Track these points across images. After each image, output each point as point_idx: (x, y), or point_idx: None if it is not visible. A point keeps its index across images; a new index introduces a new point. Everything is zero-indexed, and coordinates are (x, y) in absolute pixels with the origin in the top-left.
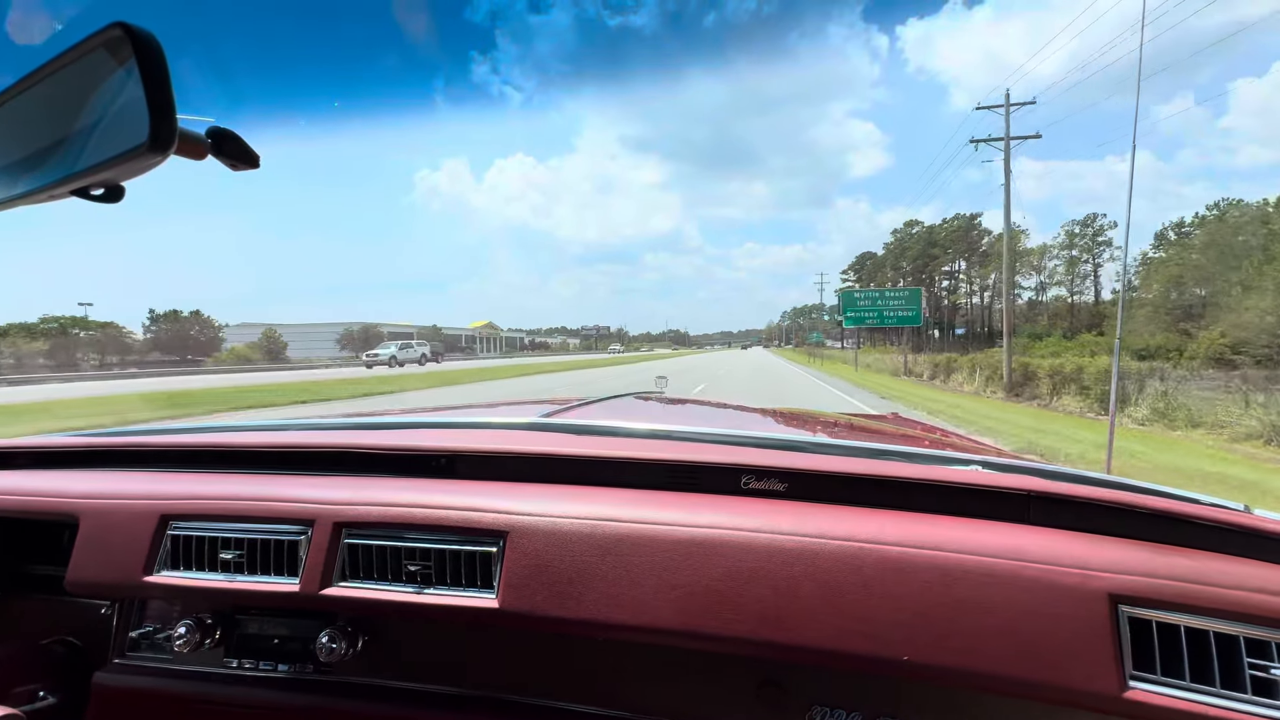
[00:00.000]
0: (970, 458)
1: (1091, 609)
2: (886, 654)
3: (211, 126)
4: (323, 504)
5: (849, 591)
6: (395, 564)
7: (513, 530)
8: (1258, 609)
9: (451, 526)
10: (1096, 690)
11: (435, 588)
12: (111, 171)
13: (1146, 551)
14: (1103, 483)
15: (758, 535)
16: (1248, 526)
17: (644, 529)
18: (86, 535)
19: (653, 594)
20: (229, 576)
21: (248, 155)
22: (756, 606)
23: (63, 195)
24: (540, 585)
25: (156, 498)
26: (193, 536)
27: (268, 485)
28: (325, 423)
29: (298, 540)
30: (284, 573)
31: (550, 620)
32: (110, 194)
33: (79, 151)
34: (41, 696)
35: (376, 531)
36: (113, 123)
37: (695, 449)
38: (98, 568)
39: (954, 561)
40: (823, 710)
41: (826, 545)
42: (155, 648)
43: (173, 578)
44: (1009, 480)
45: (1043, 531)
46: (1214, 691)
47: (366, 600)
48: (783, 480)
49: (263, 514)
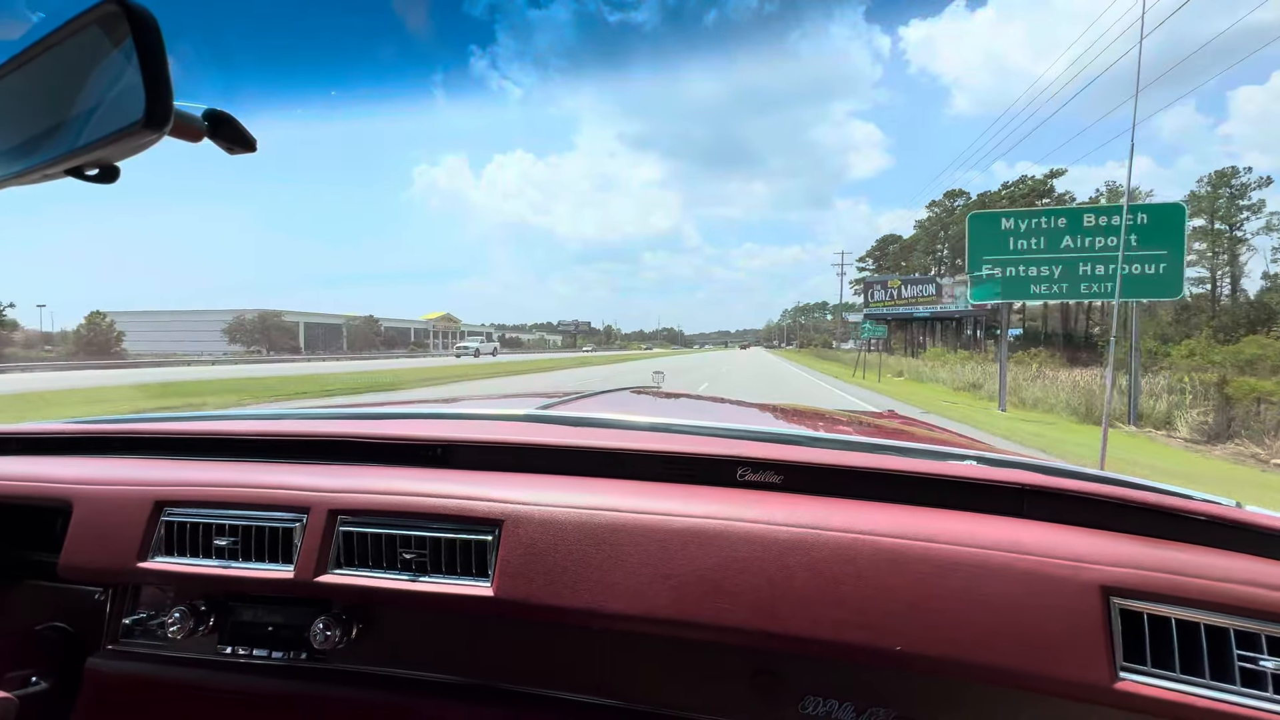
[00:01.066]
0: (965, 452)
1: (1083, 601)
2: (880, 644)
3: (208, 109)
4: (317, 491)
5: (843, 582)
6: (390, 552)
7: (508, 519)
8: (1248, 602)
9: (447, 515)
10: (1087, 681)
11: (430, 575)
12: (106, 150)
13: (1138, 545)
14: (1096, 478)
15: (753, 526)
16: (1239, 521)
17: (639, 519)
18: (80, 521)
19: (648, 583)
20: (223, 563)
21: (244, 139)
22: (751, 596)
23: (57, 175)
24: (535, 573)
25: (151, 484)
26: (187, 523)
27: (262, 473)
28: (321, 412)
29: (292, 527)
30: (278, 560)
31: (545, 608)
32: (105, 174)
33: (73, 130)
34: (34, 682)
35: (371, 519)
36: (107, 100)
37: (691, 441)
38: (91, 553)
39: (948, 553)
40: (815, 700)
41: (821, 536)
42: (148, 634)
43: (167, 564)
44: (1004, 474)
45: (1036, 525)
46: (1203, 683)
47: (361, 587)
48: (778, 473)
49: (257, 501)
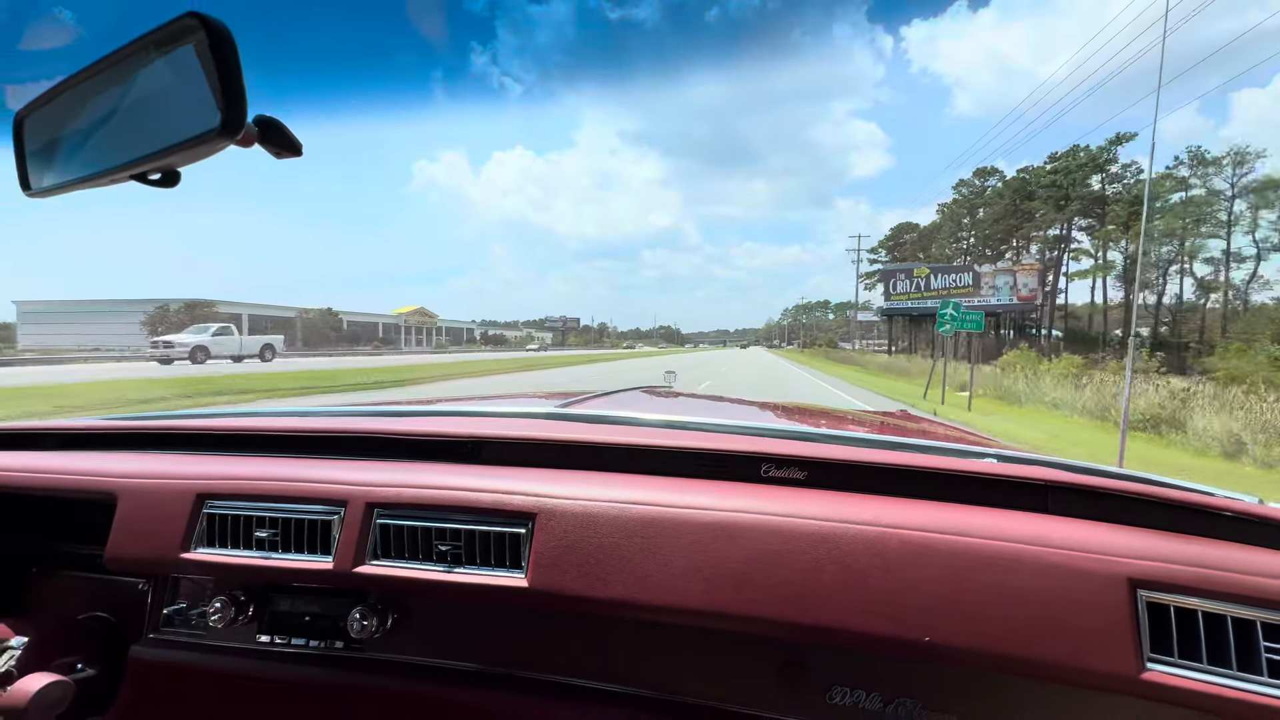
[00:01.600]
0: (984, 450)
1: (1111, 593)
2: (908, 636)
3: (258, 115)
4: (355, 485)
5: (871, 574)
6: (426, 544)
7: (541, 512)
8: (1275, 594)
9: (481, 508)
10: (1115, 671)
11: (465, 567)
12: (176, 156)
13: (1164, 539)
14: (1118, 475)
15: (783, 520)
16: (1262, 516)
17: (670, 512)
18: (125, 513)
19: (679, 575)
20: (264, 554)
21: (291, 144)
22: (781, 589)
23: (124, 179)
24: (569, 565)
25: (193, 478)
26: (228, 515)
27: (301, 467)
28: (354, 410)
29: (330, 520)
30: (317, 551)
31: (579, 599)
32: (167, 178)
33: (149, 137)
34: (80, 668)
35: (408, 512)
36: (182, 108)
37: (715, 438)
38: (136, 545)
39: (976, 546)
40: (843, 690)
41: (849, 529)
42: (188, 624)
43: (209, 555)
44: (1026, 471)
45: (1061, 520)
46: (1230, 674)
47: (398, 578)
48: (803, 469)
49: (297, 494)
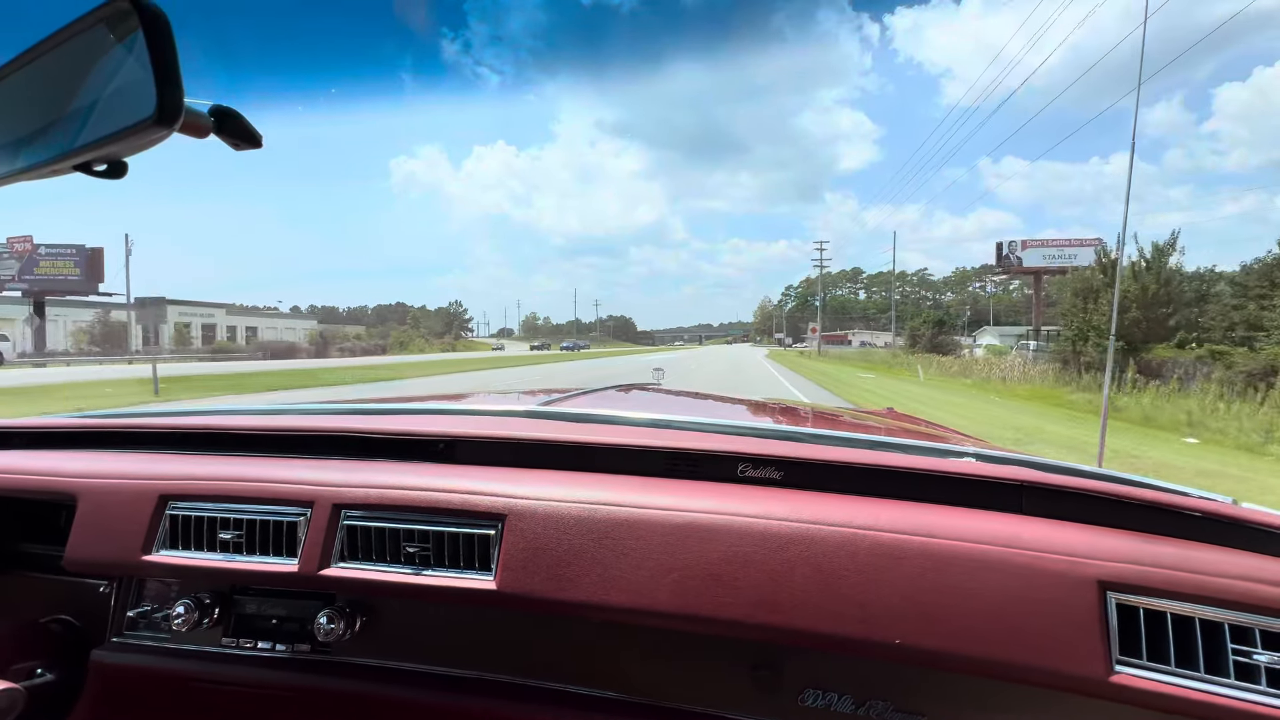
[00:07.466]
0: (964, 450)
1: (1080, 595)
2: (879, 637)
3: (214, 105)
4: (322, 486)
5: (843, 576)
6: (394, 546)
7: (511, 513)
8: (1242, 596)
9: (450, 509)
10: (1083, 674)
11: (433, 569)
12: (116, 146)
13: (1135, 540)
14: (1094, 475)
15: (754, 521)
16: (1234, 517)
17: (641, 513)
18: (85, 514)
19: (649, 577)
20: (228, 556)
21: (250, 135)
22: (752, 590)
23: (65, 170)
24: (538, 567)
25: (155, 478)
26: (191, 516)
27: (267, 467)
28: (323, 407)
29: (296, 521)
30: (283, 553)
31: (547, 602)
32: (113, 169)
33: (84, 125)
34: (40, 673)
35: (375, 513)
36: (118, 96)
37: (692, 437)
38: (96, 546)
39: (947, 547)
40: (815, 692)
41: (821, 531)
42: (153, 627)
43: (172, 557)
44: (1002, 471)
45: (1034, 521)
46: (1198, 676)
47: (365, 580)
48: (779, 469)
49: (262, 495)
